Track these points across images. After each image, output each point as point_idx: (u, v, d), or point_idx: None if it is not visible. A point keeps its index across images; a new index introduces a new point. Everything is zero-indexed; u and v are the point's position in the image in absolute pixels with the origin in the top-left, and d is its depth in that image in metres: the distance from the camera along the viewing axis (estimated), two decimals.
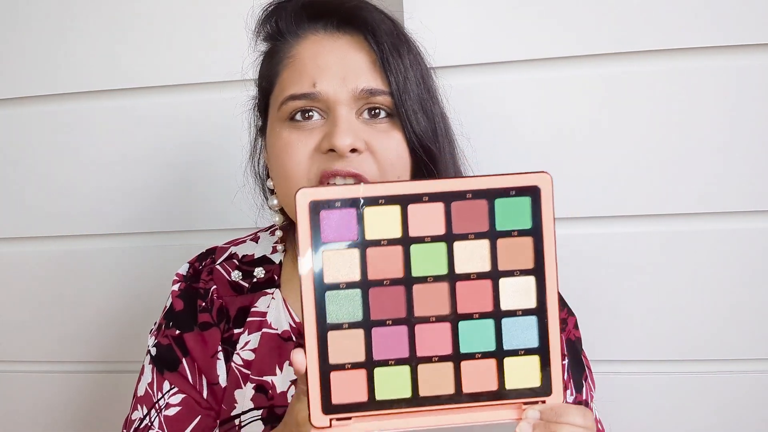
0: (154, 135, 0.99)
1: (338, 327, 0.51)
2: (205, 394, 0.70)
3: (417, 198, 0.51)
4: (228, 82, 0.93)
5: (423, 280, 0.52)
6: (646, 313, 0.90)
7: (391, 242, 0.51)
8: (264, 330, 0.71)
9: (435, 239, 0.52)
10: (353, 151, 0.63)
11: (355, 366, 0.52)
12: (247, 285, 0.73)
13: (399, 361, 0.52)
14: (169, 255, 1.00)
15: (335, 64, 0.64)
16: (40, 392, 1.10)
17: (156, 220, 1.01)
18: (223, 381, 0.70)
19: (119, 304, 1.05)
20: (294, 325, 0.71)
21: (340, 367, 0.51)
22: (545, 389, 0.53)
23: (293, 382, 0.68)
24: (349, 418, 0.52)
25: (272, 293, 0.72)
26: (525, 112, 0.89)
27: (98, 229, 1.03)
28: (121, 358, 1.06)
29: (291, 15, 0.67)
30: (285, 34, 0.68)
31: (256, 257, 0.75)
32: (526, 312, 0.53)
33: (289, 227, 0.75)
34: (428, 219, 0.52)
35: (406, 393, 0.52)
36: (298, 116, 0.65)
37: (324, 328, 0.51)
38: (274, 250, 0.75)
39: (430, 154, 0.65)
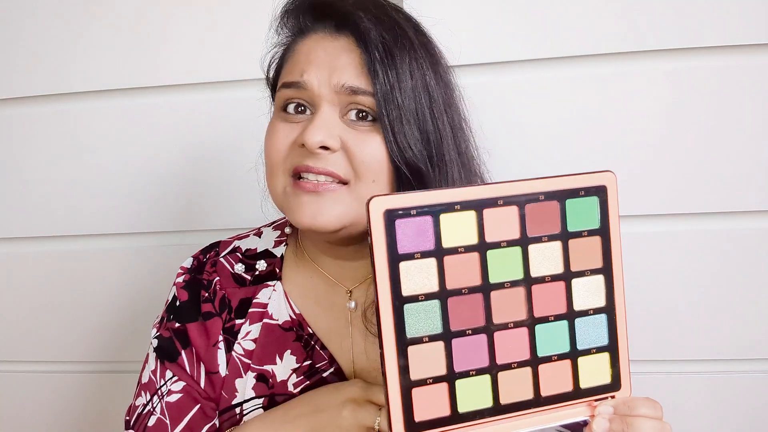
0: (158, 135, 0.96)
1: (418, 341, 0.49)
2: (202, 384, 0.70)
3: (492, 202, 0.50)
4: (233, 82, 0.91)
5: (500, 286, 0.50)
6: (648, 313, 0.91)
7: (468, 249, 0.50)
8: (265, 321, 0.71)
9: (510, 243, 0.51)
10: (325, 149, 0.62)
11: (437, 380, 0.50)
12: (249, 277, 0.74)
13: (480, 371, 0.50)
14: (171, 255, 0.98)
15: (325, 60, 0.64)
16: (40, 392, 1.08)
17: (159, 219, 0.99)
18: (222, 370, 0.70)
19: (120, 304, 1.03)
20: (294, 317, 0.71)
21: (422, 382, 0.49)
22: (615, 385, 0.54)
23: (294, 370, 0.69)
24: None
25: (273, 285, 0.73)
26: (525, 113, 0.88)
27: (100, 229, 1.00)
28: (123, 358, 1.04)
29: (300, 15, 0.69)
30: (294, 32, 0.69)
31: (258, 251, 0.76)
32: (597, 311, 0.53)
33: None
34: (503, 223, 0.50)
35: (488, 402, 0.51)
36: (291, 108, 0.65)
37: (404, 342, 0.49)
38: (276, 244, 0.76)
39: (414, 167, 0.64)
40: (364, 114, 0.63)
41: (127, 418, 0.71)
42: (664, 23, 0.83)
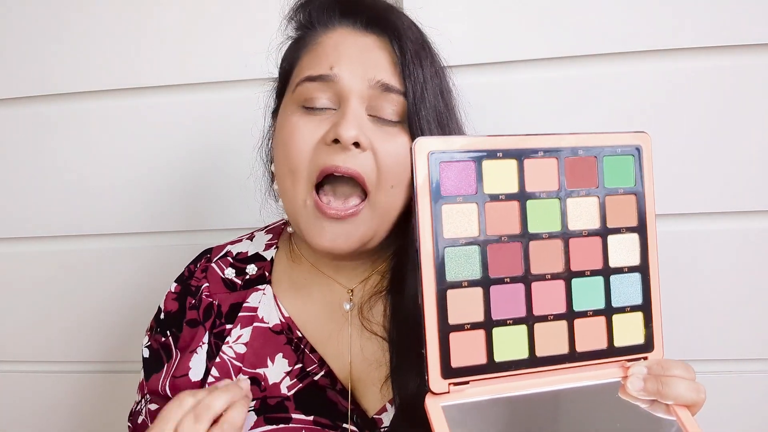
0: (159, 134, 0.96)
1: (457, 285, 0.49)
2: (167, 387, 0.68)
3: (533, 152, 0.51)
4: (235, 81, 0.91)
5: (539, 236, 0.51)
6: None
7: (509, 197, 0.50)
8: (255, 324, 0.70)
9: (549, 195, 0.51)
10: (357, 145, 0.61)
11: (474, 326, 0.49)
12: (240, 282, 0.72)
13: (517, 321, 0.50)
14: (171, 255, 0.97)
15: (356, 55, 0.64)
16: (40, 392, 1.06)
17: (159, 219, 0.98)
18: (194, 375, 0.68)
19: (121, 304, 1.01)
20: (283, 320, 0.70)
21: (460, 327, 0.49)
22: (648, 345, 0.54)
23: (287, 373, 0.67)
24: (467, 383, 0.49)
25: (263, 289, 0.71)
26: (525, 113, 0.89)
27: (100, 229, 1.00)
28: (123, 358, 1.03)
29: (324, 7, 0.67)
30: (315, 24, 0.68)
31: (249, 254, 0.75)
32: (632, 269, 0.53)
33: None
34: (543, 174, 0.51)
35: (524, 354, 0.50)
36: (310, 103, 0.64)
37: (443, 286, 0.48)
38: (267, 248, 0.75)
39: None
40: (388, 113, 0.63)
41: (132, 409, 0.73)
42: (664, 23, 0.84)
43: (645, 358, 0.54)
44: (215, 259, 0.74)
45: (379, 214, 0.63)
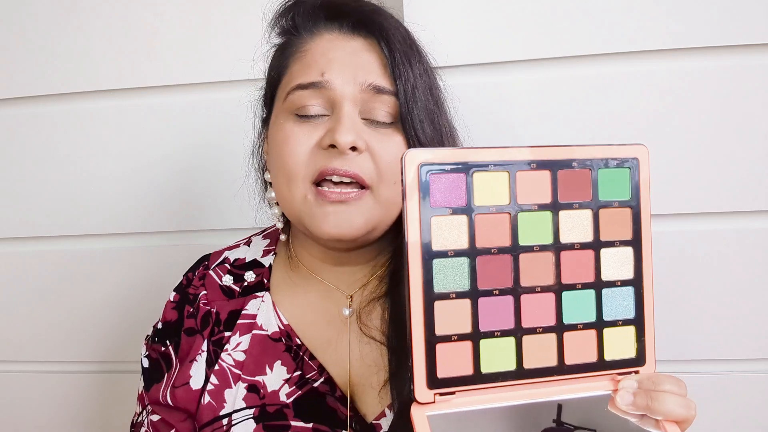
0: (158, 135, 0.96)
1: (445, 297, 0.49)
2: (168, 397, 0.69)
3: (525, 164, 0.50)
4: (233, 81, 0.92)
5: (529, 249, 0.51)
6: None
7: (500, 209, 0.50)
8: (254, 332, 0.70)
9: (542, 207, 0.51)
10: (354, 149, 0.62)
11: (462, 338, 0.49)
12: (238, 289, 0.73)
13: (505, 333, 0.50)
14: (171, 255, 0.98)
15: (346, 60, 0.64)
16: (40, 392, 1.07)
17: (159, 219, 0.98)
18: (195, 383, 0.68)
19: (120, 304, 1.02)
20: (282, 327, 0.70)
21: (447, 338, 0.49)
22: (639, 359, 0.53)
23: (286, 381, 0.68)
24: (453, 393, 0.49)
25: (262, 296, 0.72)
26: (524, 113, 0.88)
27: (100, 229, 1.00)
28: (123, 358, 1.03)
29: (309, 12, 0.67)
30: (300, 29, 0.68)
31: (247, 260, 0.75)
32: (625, 283, 0.53)
33: (287, 222, 0.74)
34: (535, 186, 0.51)
35: (511, 366, 0.50)
36: (303, 111, 0.64)
37: (431, 297, 0.49)
38: (265, 254, 0.75)
39: None
40: (380, 114, 0.64)
41: (133, 420, 0.73)
42: (663, 23, 0.83)
43: (636, 372, 0.53)
44: (213, 266, 0.75)
45: (381, 204, 0.63)
